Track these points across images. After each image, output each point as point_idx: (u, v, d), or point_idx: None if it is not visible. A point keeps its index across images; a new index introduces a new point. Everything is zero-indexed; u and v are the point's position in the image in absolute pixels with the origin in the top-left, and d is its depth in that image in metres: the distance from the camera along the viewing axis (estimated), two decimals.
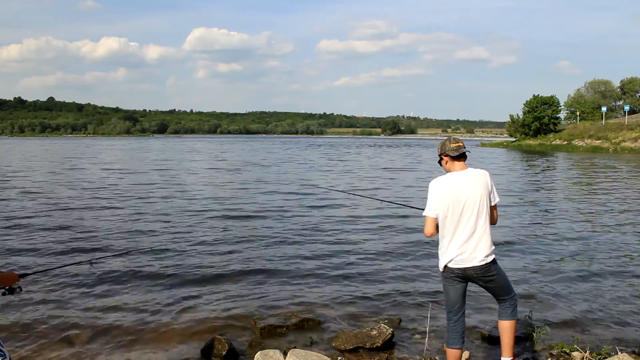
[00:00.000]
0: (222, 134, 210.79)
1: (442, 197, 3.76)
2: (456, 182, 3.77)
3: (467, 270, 3.76)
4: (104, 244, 8.99)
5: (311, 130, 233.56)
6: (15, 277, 3.24)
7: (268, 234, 9.95)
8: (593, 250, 8.70)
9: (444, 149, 3.84)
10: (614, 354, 4.46)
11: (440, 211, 3.78)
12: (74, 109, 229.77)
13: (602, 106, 67.62)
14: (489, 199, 3.79)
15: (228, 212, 12.62)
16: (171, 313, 5.75)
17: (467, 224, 3.73)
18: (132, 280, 6.92)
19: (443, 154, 3.85)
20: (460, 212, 3.73)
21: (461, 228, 3.74)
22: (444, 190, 3.77)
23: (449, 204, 3.74)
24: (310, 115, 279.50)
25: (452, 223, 3.76)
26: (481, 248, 3.74)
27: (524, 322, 5.18)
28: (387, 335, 4.81)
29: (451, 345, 3.91)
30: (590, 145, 52.80)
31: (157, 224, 11.01)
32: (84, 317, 5.59)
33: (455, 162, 3.82)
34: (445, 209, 3.75)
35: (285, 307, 5.88)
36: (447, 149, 3.82)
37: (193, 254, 8.37)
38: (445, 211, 3.76)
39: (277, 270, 7.40)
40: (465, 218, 3.73)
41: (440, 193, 3.78)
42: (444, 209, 3.76)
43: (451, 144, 3.82)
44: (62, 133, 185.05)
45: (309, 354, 4.38)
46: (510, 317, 3.93)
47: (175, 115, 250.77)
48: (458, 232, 3.75)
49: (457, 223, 3.75)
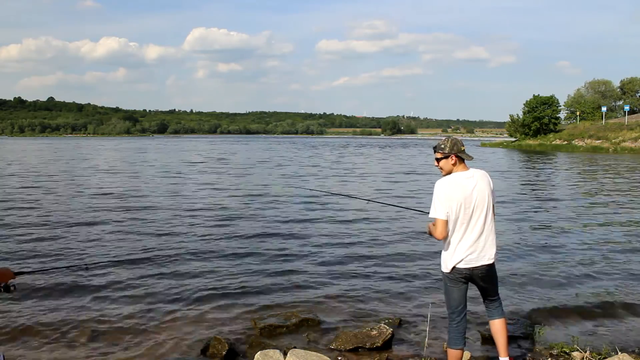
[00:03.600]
0: (222, 134, 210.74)
1: (453, 198, 3.71)
2: (465, 182, 3.76)
3: (474, 270, 3.77)
4: (101, 248, 8.98)
5: (311, 130, 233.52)
6: (11, 274, 3.22)
7: (268, 234, 9.94)
8: (593, 250, 8.70)
9: (455, 149, 3.77)
10: (614, 354, 4.46)
11: (452, 212, 3.72)
12: (74, 109, 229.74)
13: (602, 106, 67.58)
14: (493, 198, 3.84)
15: (228, 213, 12.62)
16: (171, 313, 5.74)
17: (476, 224, 3.75)
18: (132, 280, 6.91)
19: (453, 153, 3.78)
20: (471, 212, 3.73)
21: (471, 228, 3.75)
22: (455, 191, 3.73)
23: (461, 205, 3.72)
24: (310, 115, 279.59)
25: (463, 223, 3.74)
26: (489, 246, 3.78)
27: (524, 322, 5.18)
28: (387, 335, 4.81)
29: (453, 346, 3.92)
30: (590, 145, 52.79)
31: (157, 223, 11.00)
32: (82, 318, 5.58)
33: (460, 163, 3.82)
34: (457, 209, 3.72)
35: (285, 307, 5.88)
36: (458, 150, 3.78)
37: (193, 254, 8.36)
38: (457, 212, 3.72)
39: (277, 270, 7.39)
40: (475, 218, 3.75)
41: (450, 194, 3.73)
42: (456, 210, 3.72)
43: (461, 145, 3.83)
44: (62, 133, 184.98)
45: (309, 354, 4.38)
46: (502, 315, 4.02)
47: (175, 115, 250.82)
48: (468, 232, 3.75)
49: (467, 223, 3.75)
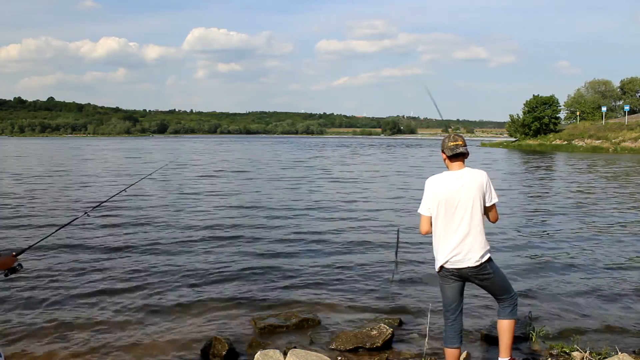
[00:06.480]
0: (222, 134, 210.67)
1: (435, 196, 3.78)
2: (450, 182, 3.76)
3: (462, 270, 3.76)
4: (105, 241, 8.99)
5: (311, 130, 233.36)
6: (13, 258, 3.24)
7: (268, 235, 9.94)
8: (593, 250, 8.70)
9: (442, 146, 3.85)
10: (614, 354, 4.45)
11: (433, 210, 3.80)
12: (74, 109, 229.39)
13: (602, 106, 67.54)
14: (483, 199, 3.76)
15: (228, 213, 12.62)
16: (171, 313, 5.74)
17: (460, 225, 3.72)
18: (132, 280, 6.92)
19: (442, 150, 3.87)
20: (453, 212, 3.73)
21: (454, 228, 3.74)
22: (437, 190, 3.78)
23: (441, 204, 3.75)
24: (310, 115, 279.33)
25: (445, 223, 3.76)
26: (476, 249, 3.73)
27: (524, 322, 5.18)
28: (387, 335, 4.81)
29: (449, 345, 3.91)
30: (590, 145, 52.78)
31: (156, 223, 11.00)
32: (81, 317, 5.58)
33: (452, 161, 3.81)
34: (437, 208, 3.77)
35: (285, 307, 5.88)
36: (445, 147, 3.82)
37: (193, 254, 8.37)
38: (437, 210, 3.77)
39: (277, 271, 7.39)
40: (458, 219, 3.73)
41: (433, 192, 3.80)
42: (437, 208, 3.77)
43: (449, 142, 3.80)
44: (62, 133, 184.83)
45: (309, 354, 4.38)
46: (509, 317, 3.91)
47: (175, 115, 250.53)
48: (451, 232, 3.75)
49: (450, 223, 3.75)
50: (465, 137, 4.43)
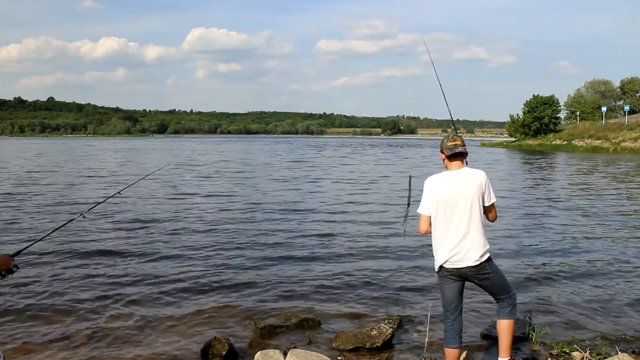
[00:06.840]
0: (222, 134, 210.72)
1: (434, 196, 3.79)
2: (449, 182, 3.77)
3: (461, 270, 3.77)
4: (104, 241, 8.99)
5: (311, 130, 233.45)
6: (10, 259, 3.24)
7: (268, 235, 9.94)
8: (593, 249, 8.70)
9: (441, 147, 3.87)
10: (614, 353, 4.46)
11: (432, 210, 3.81)
12: (74, 109, 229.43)
13: (602, 106, 67.54)
14: (482, 199, 3.77)
15: (228, 213, 12.62)
16: (171, 313, 5.74)
17: (459, 225, 3.73)
18: (131, 280, 6.92)
19: (440, 151, 3.89)
20: (452, 212, 3.74)
21: (453, 228, 3.74)
22: (437, 189, 3.79)
23: (440, 203, 3.76)
24: (310, 115, 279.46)
25: (444, 222, 3.77)
26: (476, 248, 3.73)
27: (524, 322, 5.18)
28: (387, 335, 4.81)
29: (449, 345, 3.91)
30: (590, 145, 52.79)
31: (156, 223, 11.01)
32: (80, 317, 5.58)
33: (451, 161, 3.83)
34: (437, 208, 3.78)
35: (285, 307, 5.88)
36: (443, 147, 3.84)
37: (193, 254, 8.36)
38: (437, 210, 3.78)
39: (277, 271, 7.39)
40: (457, 218, 3.74)
41: (432, 192, 3.81)
42: (436, 208, 3.78)
43: (448, 142, 3.82)
44: (62, 133, 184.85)
45: (309, 354, 4.38)
46: (509, 317, 3.91)
47: (175, 115, 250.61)
48: (450, 232, 3.75)
49: (449, 223, 3.75)
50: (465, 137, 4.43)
